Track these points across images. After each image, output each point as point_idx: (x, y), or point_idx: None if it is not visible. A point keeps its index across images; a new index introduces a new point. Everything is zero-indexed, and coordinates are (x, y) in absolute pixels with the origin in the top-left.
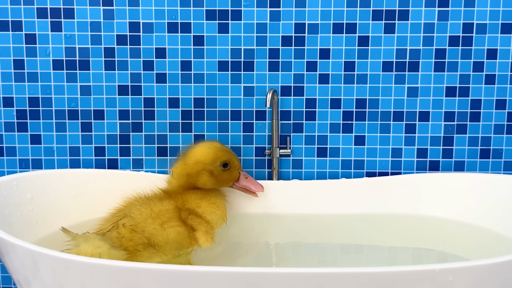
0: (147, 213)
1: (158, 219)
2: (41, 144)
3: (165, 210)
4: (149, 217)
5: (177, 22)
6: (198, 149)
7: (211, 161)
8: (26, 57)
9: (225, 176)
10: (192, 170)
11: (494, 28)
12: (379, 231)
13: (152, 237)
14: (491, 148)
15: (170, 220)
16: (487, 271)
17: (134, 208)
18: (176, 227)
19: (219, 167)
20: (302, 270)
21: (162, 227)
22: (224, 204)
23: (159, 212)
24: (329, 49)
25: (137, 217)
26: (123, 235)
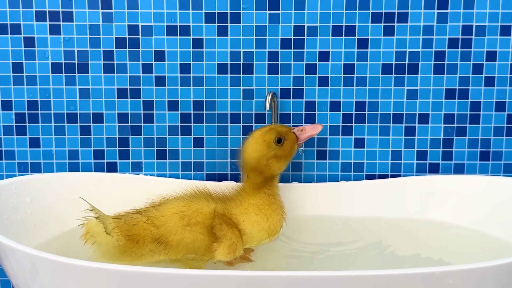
0: (176, 210)
1: (186, 219)
2: (40, 148)
3: (199, 212)
4: (176, 214)
5: (176, 25)
6: (249, 150)
7: (266, 149)
8: (24, 60)
9: (287, 147)
10: (260, 167)
11: (493, 30)
12: (379, 234)
13: (167, 235)
14: (490, 151)
15: (197, 224)
16: (488, 274)
17: (169, 201)
18: (198, 233)
19: (277, 147)
20: (301, 273)
21: (184, 228)
22: (277, 216)
23: (192, 213)
24: (328, 52)
25: (164, 211)
26: (135, 222)
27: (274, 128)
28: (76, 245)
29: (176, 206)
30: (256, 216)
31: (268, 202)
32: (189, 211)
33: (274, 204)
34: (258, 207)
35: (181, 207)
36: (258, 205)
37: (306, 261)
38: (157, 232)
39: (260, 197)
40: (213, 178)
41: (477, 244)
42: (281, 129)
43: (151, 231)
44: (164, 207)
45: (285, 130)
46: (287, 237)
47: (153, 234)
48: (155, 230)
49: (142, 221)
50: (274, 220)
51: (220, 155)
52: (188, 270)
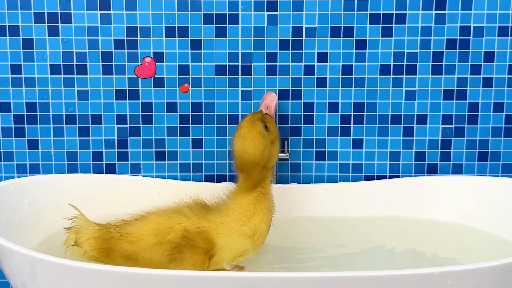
0: (151, 227)
1: (158, 237)
2: (39, 149)
3: (172, 230)
4: (150, 231)
5: (175, 26)
6: (250, 148)
7: (263, 139)
8: (23, 62)
9: (273, 127)
10: (264, 159)
11: (491, 31)
12: (378, 234)
13: (139, 251)
14: (489, 151)
15: (167, 242)
16: (486, 274)
17: (148, 216)
18: (167, 253)
19: (267, 133)
20: (300, 274)
21: (155, 246)
22: (260, 217)
23: (165, 230)
24: (326, 53)
25: (140, 226)
26: (109, 236)
27: (253, 118)
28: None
29: (152, 222)
30: (234, 222)
31: (255, 202)
32: (162, 228)
33: (262, 203)
34: (242, 209)
35: (156, 224)
36: (242, 206)
37: (306, 262)
38: (129, 248)
39: (250, 197)
40: (212, 179)
41: (476, 243)
42: (258, 116)
43: (123, 247)
44: (141, 222)
45: (260, 115)
46: (287, 238)
47: (124, 250)
48: (127, 246)
49: (115, 237)
50: (256, 221)
51: (219, 156)
52: (186, 272)
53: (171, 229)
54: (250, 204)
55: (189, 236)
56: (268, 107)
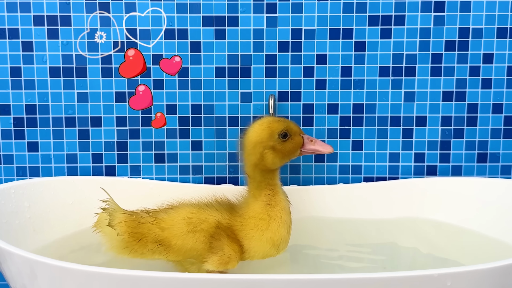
0: (184, 216)
1: (191, 226)
2: (39, 152)
3: (205, 220)
4: (183, 220)
5: (174, 29)
6: (251, 132)
7: (268, 136)
8: (23, 65)
9: (288, 146)
10: (255, 155)
11: (490, 33)
12: (377, 236)
13: (171, 238)
14: (488, 153)
15: (201, 231)
16: (486, 276)
17: (181, 206)
18: (199, 241)
19: (279, 140)
20: (300, 276)
21: (187, 234)
22: (277, 223)
23: (198, 220)
24: (325, 55)
25: (173, 215)
26: (142, 221)
27: (286, 121)
28: (74, 249)
29: (185, 211)
30: (252, 231)
31: (267, 208)
32: (195, 218)
33: (274, 208)
34: (257, 217)
35: (189, 214)
36: (256, 215)
37: (305, 264)
38: (161, 234)
39: (261, 203)
40: (212, 181)
41: (476, 245)
42: (292, 126)
43: (155, 232)
44: (174, 211)
45: (295, 129)
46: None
47: (156, 235)
48: (159, 232)
49: (148, 222)
50: (273, 229)
51: (219, 158)
52: (186, 274)
53: (204, 220)
54: (263, 212)
55: (222, 227)
56: (312, 141)
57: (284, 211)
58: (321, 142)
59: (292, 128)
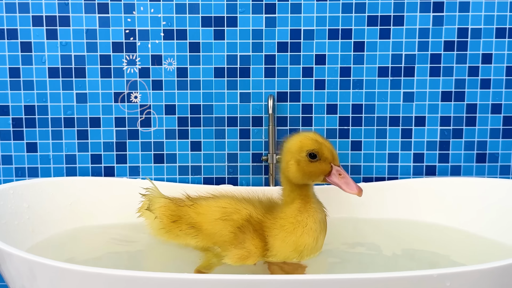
0: (220, 205)
1: (223, 214)
2: (37, 152)
3: (238, 211)
4: (218, 208)
5: (173, 29)
6: (289, 141)
7: (297, 149)
8: (21, 65)
9: (312, 167)
10: (283, 162)
11: (489, 33)
12: (376, 236)
13: (202, 223)
14: (487, 153)
15: (231, 220)
16: (485, 276)
17: (220, 197)
18: (227, 230)
19: (306, 157)
20: (298, 277)
21: (217, 221)
22: (301, 229)
23: (231, 210)
24: (324, 55)
25: (210, 202)
26: (182, 204)
27: (322, 144)
28: (74, 250)
29: (223, 201)
30: (278, 230)
31: (296, 213)
32: (230, 207)
33: (303, 214)
34: (285, 219)
35: (225, 203)
36: (285, 217)
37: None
38: (195, 218)
39: (293, 208)
40: (211, 182)
41: (475, 245)
42: (325, 151)
43: (190, 215)
44: (213, 199)
45: (327, 156)
46: None
47: (191, 218)
48: (195, 216)
49: (187, 205)
50: (297, 233)
51: (218, 158)
52: (184, 274)
53: (237, 211)
54: (292, 216)
55: (252, 221)
56: (341, 175)
57: (313, 219)
58: (349, 181)
59: (323, 153)
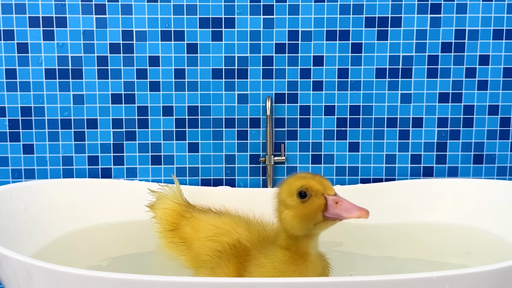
0: (215, 223)
1: (213, 234)
2: (34, 154)
3: (228, 233)
4: (211, 226)
5: (171, 30)
6: (278, 189)
7: (286, 194)
8: (18, 67)
9: (307, 208)
10: (277, 214)
11: (486, 34)
12: (374, 238)
13: (191, 240)
14: (484, 154)
15: (217, 242)
16: (484, 278)
17: (219, 214)
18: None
19: (297, 200)
20: (297, 280)
21: (207, 239)
22: None
23: (223, 231)
24: (322, 56)
25: (207, 219)
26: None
27: (308, 178)
28: (71, 252)
29: (221, 220)
30: (255, 267)
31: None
32: (222, 228)
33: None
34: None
35: (222, 223)
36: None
37: None
38: (189, 233)
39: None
40: (208, 183)
41: (472, 246)
42: (313, 184)
43: (185, 229)
44: (213, 216)
45: (317, 188)
46: None
47: (185, 233)
48: (189, 230)
49: (185, 217)
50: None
51: (215, 160)
52: (182, 278)
53: (228, 232)
54: (276, 260)
55: (238, 247)
56: (338, 203)
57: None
58: (348, 205)
59: (313, 187)
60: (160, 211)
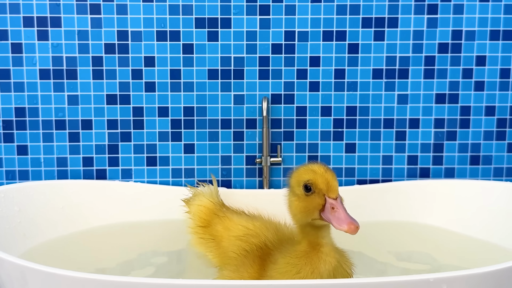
0: (246, 225)
1: (245, 235)
2: (28, 155)
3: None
4: (242, 227)
5: (166, 31)
6: (290, 175)
7: (295, 182)
8: (12, 67)
9: (307, 202)
10: (287, 198)
11: (482, 35)
12: (370, 239)
13: (221, 238)
14: (480, 155)
15: (246, 242)
16: (480, 280)
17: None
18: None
19: (302, 190)
20: (294, 282)
21: (236, 239)
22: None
23: (252, 233)
24: (319, 57)
25: (240, 220)
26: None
27: (317, 173)
28: (66, 254)
29: (252, 223)
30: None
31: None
32: (253, 230)
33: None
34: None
35: (253, 226)
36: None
37: None
38: (219, 231)
39: (295, 250)
40: None
41: (469, 248)
42: (318, 182)
43: (217, 227)
44: (245, 217)
45: (321, 187)
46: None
47: (216, 230)
48: (220, 228)
49: (219, 215)
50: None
51: (211, 161)
52: (177, 280)
53: (257, 235)
54: (291, 256)
55: (264, 249)
56: (334, 208)
57: (311, 268)
58: (342, 215)
59: (317, 185)
60: (194, 207)
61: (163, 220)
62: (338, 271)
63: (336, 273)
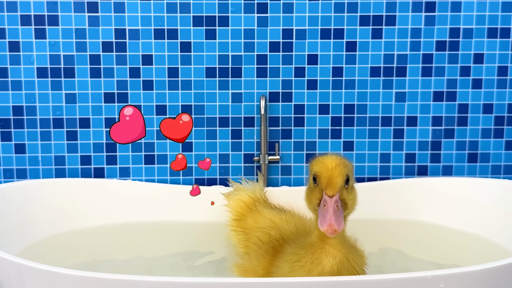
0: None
1: (268, 226)
2: (26, 154)
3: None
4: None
5: (164, 29)
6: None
7: (309, 170)
8: (9, 65)
9: (311, 191)
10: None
11: (480, 33)
12: (368, 236)
13: (250, 230)
14: (478, 152)
15: (267, 234)
16: (479, 277)
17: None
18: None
19: (311, 180)
20: (292, 279)
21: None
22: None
23: (276, 226)
24: (317, 55)
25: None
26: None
27: (324, 167)
28: (64, 253)
29: (279, 217)
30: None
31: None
32: (276, 222)
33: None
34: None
35: (279, 219)
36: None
37: None
38: (250, 223)
39: (303, 242)
40: (202, 183)
41: (466, 245)
42: (322, 178)
43: (248, 221)
44: (274, 212)
45: (322, 183)
46: None
47: (246, 223)
48: (250, 221)
49: (251, 209)
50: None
51: None
52: (174, 278)
53: (277, 227)
54: (298, 247)
55: (280, 241)
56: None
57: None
58: (326, 214)
59: (320, 179)
60: (233, 201)
61: (161, 219)
62: (344, 266)
63: (342, 268)
